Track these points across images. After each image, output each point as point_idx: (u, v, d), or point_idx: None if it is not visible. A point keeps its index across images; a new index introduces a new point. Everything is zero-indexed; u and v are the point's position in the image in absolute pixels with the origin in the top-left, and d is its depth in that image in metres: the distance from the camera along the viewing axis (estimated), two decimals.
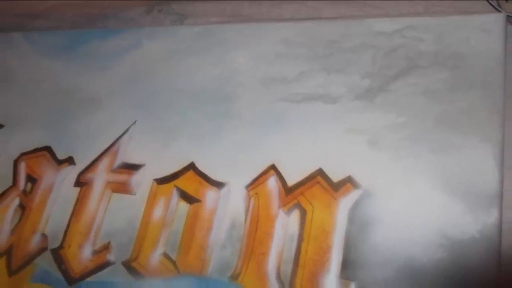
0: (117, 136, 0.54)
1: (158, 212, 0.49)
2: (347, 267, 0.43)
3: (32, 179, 0.55)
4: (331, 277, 0.43)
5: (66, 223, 0.52)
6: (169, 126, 0.53)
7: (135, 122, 0.54)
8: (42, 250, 0.52)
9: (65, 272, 0.50)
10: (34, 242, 0.52)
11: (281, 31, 0.52)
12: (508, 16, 0.46)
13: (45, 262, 0.51)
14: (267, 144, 0.49)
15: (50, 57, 0.61)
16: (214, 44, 0.54)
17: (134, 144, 0.53)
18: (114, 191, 0.52)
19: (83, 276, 0.49)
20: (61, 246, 0.51)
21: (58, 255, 0.51)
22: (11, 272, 0.52)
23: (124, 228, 0.50)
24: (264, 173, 0.48)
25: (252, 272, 0.45)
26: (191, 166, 0.50)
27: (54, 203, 0.53)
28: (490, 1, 0.47)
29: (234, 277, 0.45)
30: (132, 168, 0.52)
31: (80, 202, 0.52)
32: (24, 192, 0.55)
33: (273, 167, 0.48)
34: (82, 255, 0.50)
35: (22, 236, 0.53)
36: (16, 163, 0.57)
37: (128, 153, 0.53)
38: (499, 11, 0.47)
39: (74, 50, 0.60)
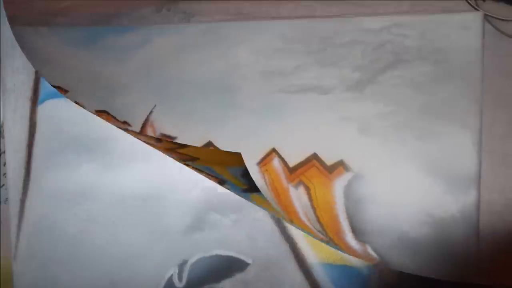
0: None
1: None
2: (357, 233, 0.44)
3: None
4: (349, 239, 0.42)
5: None
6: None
7: None
8: None
9: None
10: None
11: (279, 28, 0.52)
12: (485, 14, 0.46)
13: None
14: (267, 130, 0.49)
15: (73, 49, 0.59)
16: (218, 40, 0.53)
17: None
18: None
19: None
20: None
21: None
22: None
23: None
24: (268, 155, 0.47)
25: None
26: None
27: None
28: (469, 0, 0.46)
29: None
30: None
31: None
32: None
33: (274, 151, 0.47)
34: None
35: None
36: None
37: None
38: (477, 10, 0.47)
39: (93, 44, 0.58)
